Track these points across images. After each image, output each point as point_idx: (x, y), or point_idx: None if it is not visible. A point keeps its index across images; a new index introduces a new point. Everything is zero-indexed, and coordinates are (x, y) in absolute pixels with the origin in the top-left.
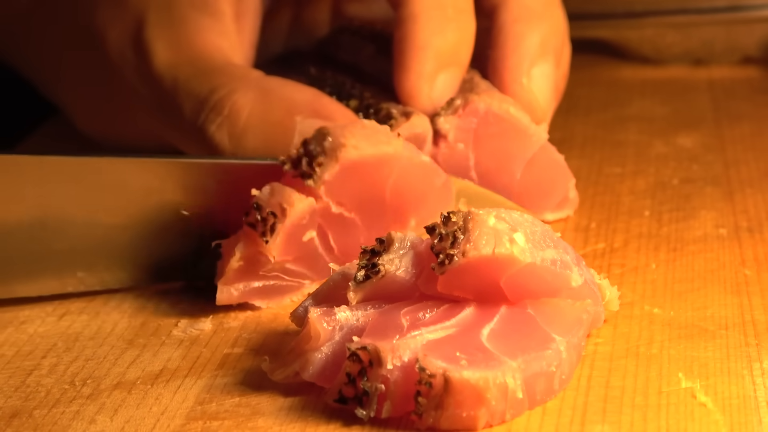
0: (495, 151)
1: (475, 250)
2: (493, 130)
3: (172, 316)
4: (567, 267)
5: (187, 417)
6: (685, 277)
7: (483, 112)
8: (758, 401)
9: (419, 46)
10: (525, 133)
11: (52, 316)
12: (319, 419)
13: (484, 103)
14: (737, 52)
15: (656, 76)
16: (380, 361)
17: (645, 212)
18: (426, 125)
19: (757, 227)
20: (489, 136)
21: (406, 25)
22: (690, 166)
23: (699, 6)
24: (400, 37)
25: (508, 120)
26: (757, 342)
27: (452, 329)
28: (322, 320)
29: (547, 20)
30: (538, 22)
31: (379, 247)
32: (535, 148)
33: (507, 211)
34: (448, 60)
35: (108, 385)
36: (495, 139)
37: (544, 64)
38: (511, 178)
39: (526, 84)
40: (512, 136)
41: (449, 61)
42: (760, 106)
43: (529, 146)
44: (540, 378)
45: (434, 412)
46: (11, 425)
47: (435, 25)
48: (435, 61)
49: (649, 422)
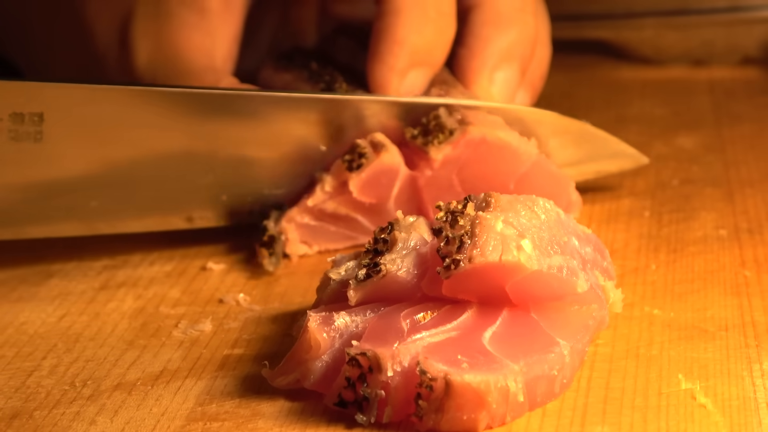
0: (481, 172)
1: (481, 256)
2: (480, 155)
3: (172, 317)
4: (573, 273)
5: (188, 418)
6: (685, 278)
7: (477, 141)
8: (758, 402)
9: (396, 41)
10: (515, 153)
11: (52, 317)
12: (320, 421)
13: (480, 133)
14: (737, 52)
15: (656, 76)
16: (380, 368)
17: (645, 213)
18: (396, 158)
19: (757, 228)
20: (475, 161)
21: (387, 19)
22: (690, 167)
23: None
24: (379, 29)
25: (498, 145)
26: (757, 343)
27: (453, 332)
28: (321, 330)
29: (517, 26)
30: (506, 28)
31: (382, 247)
32: (527, 165)
33: (515, 215)
34: (421, 58)
35: (108, 386)
36: (481, 163)
37: (507, 69)
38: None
39: (486, 87)
40: (500, 157)
41: (423, 60)
42: (760, 106)
43: (520, 164)
44: (541, 381)
45: (435, 415)
46: (12, 426)
47: (414, 23)
48: (409, 57)
49: (649, 423)
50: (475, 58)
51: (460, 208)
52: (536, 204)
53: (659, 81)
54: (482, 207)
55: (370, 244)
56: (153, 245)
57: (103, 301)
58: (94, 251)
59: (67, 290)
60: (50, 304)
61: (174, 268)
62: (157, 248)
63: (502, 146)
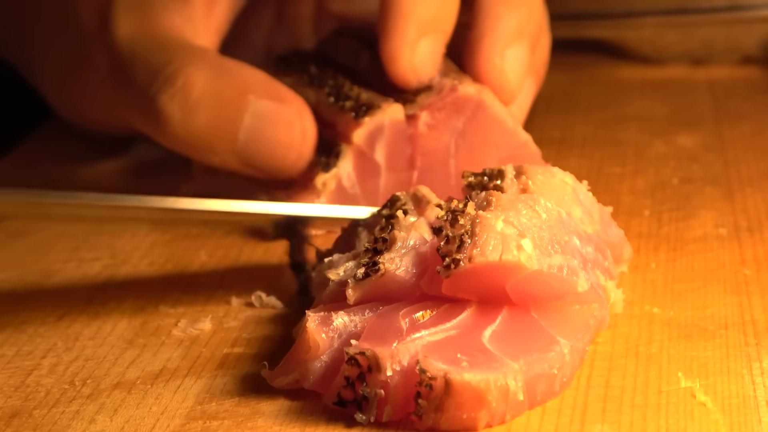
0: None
1: (482, 255)
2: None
3: (171, 316)
4: (574, 273)
5: (187, 417)
6: (684, 276)
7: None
8: (758, 400)
9: (402, 14)
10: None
11: (51, 316)
12: (319, 420)
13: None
14: (737, 52)
15: (656, 76)
16: (379, 368)
17: (645, 212)
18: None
19: (756, 227)
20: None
21: None
22: (690, 166)
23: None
24: (385, 6)
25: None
26: (756, 341)
27: (453, 331)
28: (320, 330)
29: (526, 5)
30: (516, 6)
31: (381, 246)
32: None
33: (515, 215)
34: (429, 27)
35: (108, 385)
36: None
37: (518, 46)
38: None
39: (499, 64)
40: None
41: (431, 28)
42: (760, 106)
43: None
44: (541, 380)
45: (434, 413)
46: (11, 425)
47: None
48: (417, 28)
49: (649, 422)
50: (486, 36)
51: (460, 207)
52: (537, 203)
53: (659, 80)
54: (483, 206)
55: (370, 243)
56: (153, 245)
57: (102, 300)
58: (94, 251)
59: (67, 290)
60: (50, 304)
61: (174, 268)
62: (158, 248)
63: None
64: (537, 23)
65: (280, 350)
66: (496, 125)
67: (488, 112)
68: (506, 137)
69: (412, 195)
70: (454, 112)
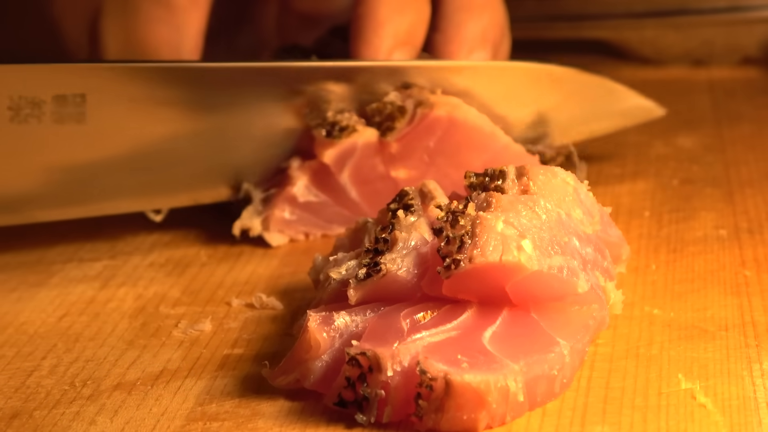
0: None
1: (482, 256)
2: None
3: (172, 317)
4: (574, 274)
5: (187, 418)
6: (685, 278)
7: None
8: (758, 402)
9: (379, 22)
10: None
11: (52, 317)
12: (319, 421)
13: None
14: (737, 52)
15: (656, 76)
16: (380, 368)
17: (645, 213)
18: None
19: (757, 228)
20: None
21: (367, 2)
22: (690, 167)
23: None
24: (361, 13)
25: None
26: (757, 343)
27: (453, 332)
28: (321, 330)
29: (488, 12)
30: (479, 13)
31: (383, 246)
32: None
33: (516, 215)
34: (404, 39)
35: (108, 386)
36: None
37: (481, 51)
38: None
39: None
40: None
41: (405, 40)
42: (760, 106)
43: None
44: (541, 381)
45: (434, 414)
46: (11, 426)
47: (395, 5)
48: (393, 38)
49: (649, 423)
50: (450, 42)
51: (461, 208)
52: (537, 204)
53: (659, 81)
54: (483, 207)
55: (371, 244)
56: (153, 245)
57: (103, 301)
58: (94, 251)
59: (67, 290)
60: (50, 304)
61: (174, 268)
62: (158, 248)
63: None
64: (499, 28)
65: (281, 351)
66: (473, 133)
67: (462, 126)
68: (486, 141)
69: (419, 190)
70: (426, 134)
